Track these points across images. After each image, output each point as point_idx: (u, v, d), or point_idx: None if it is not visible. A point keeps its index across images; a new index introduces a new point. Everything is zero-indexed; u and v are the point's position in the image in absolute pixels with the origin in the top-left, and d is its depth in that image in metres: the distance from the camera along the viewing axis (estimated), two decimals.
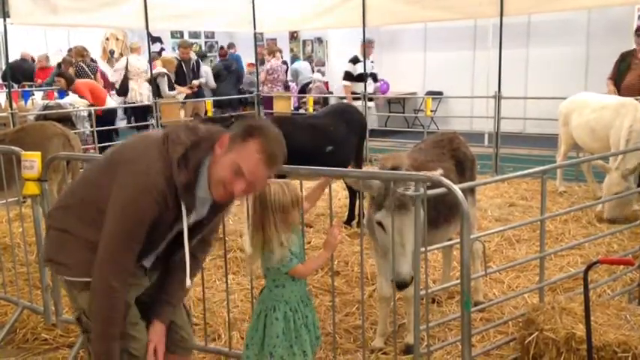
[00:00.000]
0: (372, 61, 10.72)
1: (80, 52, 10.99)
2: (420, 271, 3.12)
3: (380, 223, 3.24)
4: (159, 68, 11.08)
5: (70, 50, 12.30)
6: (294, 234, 2.84)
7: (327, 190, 3.22)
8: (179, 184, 2.21)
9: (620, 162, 6.15)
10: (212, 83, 12.37)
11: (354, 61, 10.49)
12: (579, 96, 7.46)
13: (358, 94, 10.29)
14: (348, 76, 10.52)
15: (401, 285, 3.09)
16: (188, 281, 2.42)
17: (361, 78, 10.31)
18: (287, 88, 13.42)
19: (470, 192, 4.12)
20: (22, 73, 13.24)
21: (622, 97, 7.14)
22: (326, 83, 14.26)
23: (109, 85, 11.93)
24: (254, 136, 2.25)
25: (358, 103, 10.07)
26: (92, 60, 12.20)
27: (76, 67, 10.58)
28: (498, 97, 8.78)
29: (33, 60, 14.19)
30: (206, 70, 12.43)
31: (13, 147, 4.16)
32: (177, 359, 2.69)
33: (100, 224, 2.25)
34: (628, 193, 5.73)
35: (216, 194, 2.31)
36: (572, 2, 8.85)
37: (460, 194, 2.76)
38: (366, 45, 10.29)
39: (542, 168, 3.60)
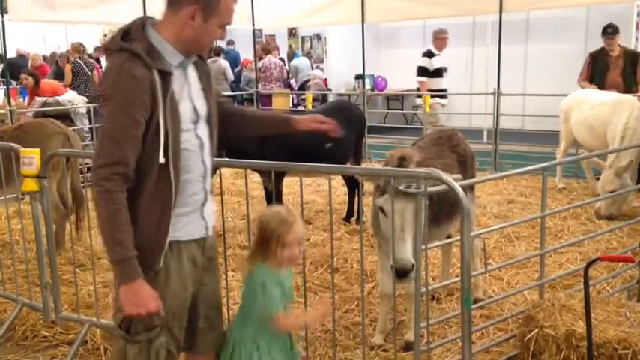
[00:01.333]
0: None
1: (77, 49, 10.96)
2: (420, 267, 3.11)
3: (382, 209, 3.23)
4: None
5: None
6: (288, 271, 2.56)
7: (327, 187, 3.20)
8: (139, 51, 2.15)
9: (614, 160, 6.14)
10: (230, 76, 12.77)
11: (429, 55, 9.20)
12: (580, 92, 7.45)
13: (436, 90, 9.16)
14: (424, 71, 9.28)
15: (401, 272, 3.01)
16: (161, 157, 2.23)
17: (438, 73, 9.28)
18: (287, 85, 13.40)
19: (469, 189, 4.12)
20: (20, 70, 13.19)
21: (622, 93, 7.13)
22: (325, 80, 14.24)
23: None
24: None
25: (442, 102, 9.38)
26: (90, 56, 12.17)
27: (73, 64, 10.55)
28: (497, 94, 8.77)
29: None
30: (225, 64, 12.71)
31: (11, 144, 4.14)
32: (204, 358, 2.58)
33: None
34: (624, 191, 5.72)
35: (205, 50, 2.40)
36: None
37: (460, 191, 2.75)
38: (438, 36, 9.21)
39: (542, 165, 3.60)
